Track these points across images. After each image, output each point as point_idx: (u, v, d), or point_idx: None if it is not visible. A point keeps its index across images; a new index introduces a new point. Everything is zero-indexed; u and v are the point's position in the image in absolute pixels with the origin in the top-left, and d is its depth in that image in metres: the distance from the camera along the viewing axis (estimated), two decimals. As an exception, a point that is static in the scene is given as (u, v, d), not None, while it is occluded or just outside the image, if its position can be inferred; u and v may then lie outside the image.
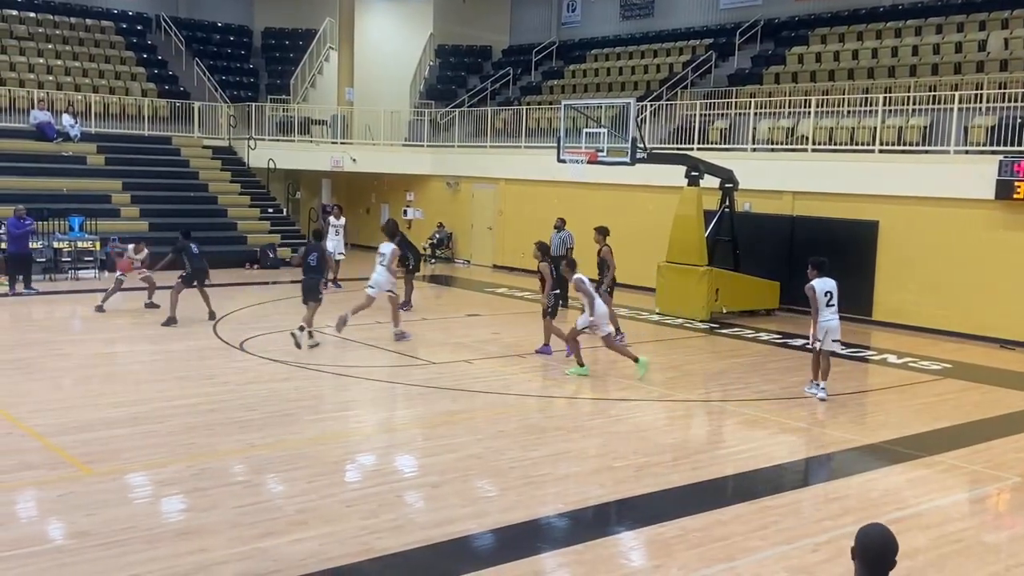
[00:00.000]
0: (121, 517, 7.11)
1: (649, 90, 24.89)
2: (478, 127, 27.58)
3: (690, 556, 6.78)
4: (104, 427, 9.42)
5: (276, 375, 12.16)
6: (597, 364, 13.59)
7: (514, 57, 32.11)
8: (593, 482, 8.37)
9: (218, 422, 9.87)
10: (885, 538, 3.82)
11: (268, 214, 26.20)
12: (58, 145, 24.79)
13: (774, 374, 13.34)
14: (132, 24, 31.95)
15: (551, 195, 23.66)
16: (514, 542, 7.02)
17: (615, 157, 17.34)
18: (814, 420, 10.86)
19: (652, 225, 20.34)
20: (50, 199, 22.23)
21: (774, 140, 20.42)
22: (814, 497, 8.21)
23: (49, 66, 27.93)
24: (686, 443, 9.98)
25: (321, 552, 6.58)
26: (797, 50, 23.86)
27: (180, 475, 8.15)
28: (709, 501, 8.04)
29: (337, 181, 31.54)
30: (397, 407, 11.24)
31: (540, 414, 10.69)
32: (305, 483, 8.05)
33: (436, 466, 8.68)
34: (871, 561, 3.76)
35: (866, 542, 3.80)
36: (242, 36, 34.16)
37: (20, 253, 18.34)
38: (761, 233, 19.09)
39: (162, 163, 26.16)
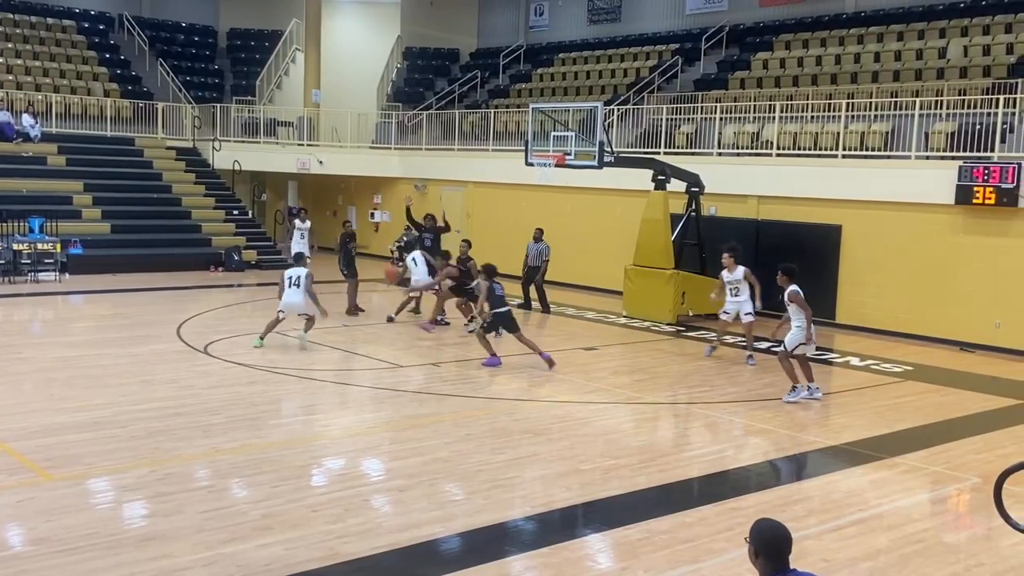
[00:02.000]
0: (82, 523, 7.01)
1: (616, 94, 25.00)
2: (446, 130, 27.55)
3: (656, 558, 6.81)
4: (65, 431, 9.28)
5: (240, 379, 12.05)
6: (568, 367, 13.62)
7: (482, 60, 32.12)
8: (560, 485, 8.38)
9: (182, 426, 9.76)
10: (776, 527, 4.04)
11: (233, 216, 25.97)
12: (17, 145, 24.39)
13: (740, 377, 13.46)
14: (94, 23, 31.55)
15: (519, 198, 23.69)
16: (481, 545, 7.01)
17: (582, 160, 17.41)
18: (779, 422, 10.95)
19: (619, 228, 20.43)
20: (9, 200, 21.88)
21: (739, 145, 20.59)
22: (779, 499, 8.28)
23: (9, 65, 27.49)
24: (653, 445, 10.03)
25: (287, 557, 6.53)
26: (762, 56, 24.08)
27: (143, 480, 8.05)
28: (675, 503, 8.09)
29: (304, 183, 31.35)
30: (364, 410, 11.18)
31: (507, 417, 10.69)
32: (270, 487, 7.98)
33: (403, 470, 8.65)
34: (775, 552, 3.96)
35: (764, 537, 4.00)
36: (207, 36, 33.85)
37: None
38: (727, 237, 19.10)
39: (125, 164, 25.84)
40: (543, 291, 18.95)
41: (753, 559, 4.00)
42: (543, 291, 18.95)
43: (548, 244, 19.07)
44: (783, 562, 3.95)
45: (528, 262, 19.02)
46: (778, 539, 3.99)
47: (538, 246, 18.89)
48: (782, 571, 3.95)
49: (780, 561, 3.95)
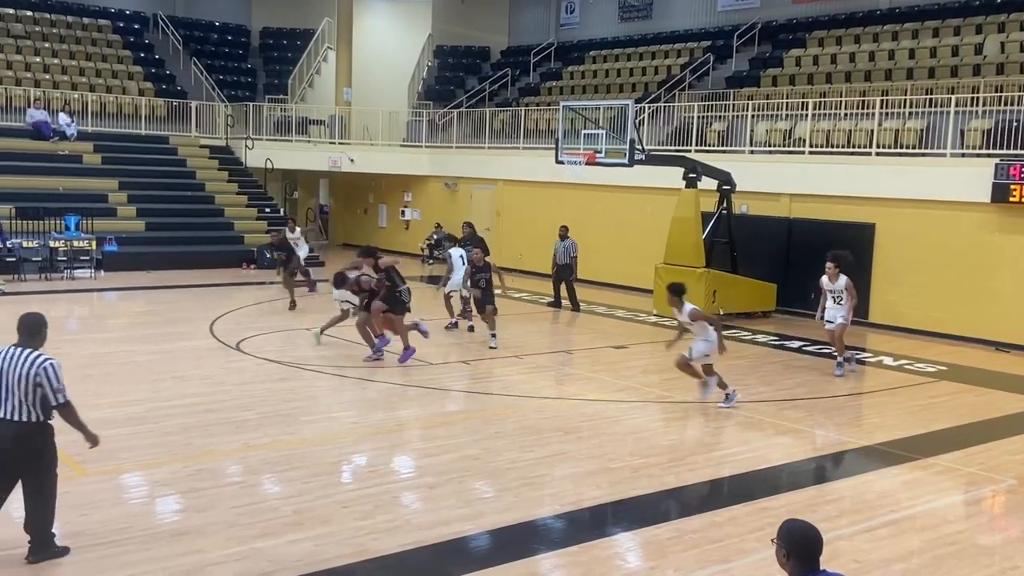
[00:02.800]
0: (116, 517, 7.10)
1: (647, 92, 24.90)
2: (476, 128, 27.58)
3: (686, 557, 6.78)
4: (99, 427, 9.31)
5: (272, 375, 12.15)
6: (597, 365, 13.60)
7: (512, 58, 32.13)
8: (590, 483, 8.37)
9: (214, 422, 9.87)
10: (807, 527, 4.01)
11: (265, 214, 26.17)
12: (54, 144, 24.75)
13: (771, 376, 13.35)
14: (129, 23, 31.91)
15: (549, 196, 23.67)
16: (511, 543, 7.02)
17: (613, 158, 17.36)
18: (811, 422, 10.87)
19: (650, 227, 20.36)
20: (46, 198, 22.21)
21: (771, 142, 20.44)
22: (810, 499, 8.21)
23: (46, 65, 27.89)
24: (682, 444, 9.98)
25: (317, 553, 6.57)
26: (794, 53, 23.88)
27: (176, 475, 8.15)
28: (705, 503, 8.06)
29: (335, 181, 31.56)
30: (394, 408, 11.22)
31: (537, 415, 10.69)
32: (301, 484, 8.04)
33: (433, 467, 8.67)
34: (806, 553, 3.93)
35: (794, 537, 3.96)
36: (240, 36, 34.13)
37: None
38: (758, 235, 19.10)
39: (159, 162, 26.13)
40: (573, 289, 18.90)
41: (783, 560, 3.97)
42: (573, 289, 18.90)
43: (575, 240, 19.00)
44: (814, 563, 3.92)
45: (556, 260, 18.98)
46: (809, 540, 3.95)
47: (564, 243, 18.84)
48: (812, 572, 3.92)
49: (811, 562, 3.92)
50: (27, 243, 20.26)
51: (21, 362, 6.06)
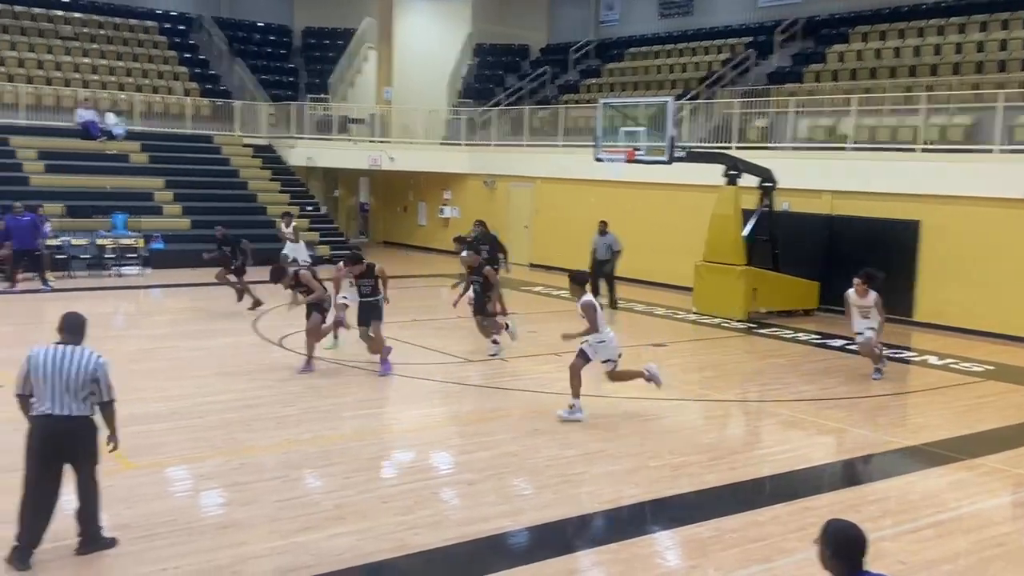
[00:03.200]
0: (161, 510, 7.23)
1: (688, 89, 24.74)
2: (515, 126, 27.58)
3: (727, 556, 6.75)
4: (145, 421, 9.56)
5: (313, 371, 12.25)
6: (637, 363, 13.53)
7: (552, 56, 32.09)
8: (629, 481, 8.35)
9: (256, 417, 9.99)
10: (851, 527, 3.99)
11: (307, 212, 26.42)
12: (102, 143, 25.20)
13: (812, 375, 13.21)
14: (175, 24, 32.37)
15: (588, 194, 23.61)
16: (549, 540, 7.03)
17: (653, 156, 17.27)
18: (853, 421, 10.73)
19: (689, 224, 20.21)
20: (95, 197, 22.61)
21: (814, 139, 20.21)
22: (853, 499, 8.12)
23: (94, 65, 28.39)
24: (723, 443, 9.92)
25: (358, 547, 6.63)
26: (838, 48, 23.59)
27: (219, 469, 8.27)
28: (746, 501, 8.00)
29: (375, 179, 31.76)
30: (432, 404, 11.28)
31: (576, 413, 10.67)
32: (342, 479, 8.12)
33: (471, 463, 8.71)
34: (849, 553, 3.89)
35: (838, 538, 3.94)
36: (282, 36, 34.47)
37: (23, 249, 18.50)
38: (800, 232, 18.90)
39: (204, 161, 26.50)
40: (613, 286, 18.81)
41: (827, 561, 3.92)
42: (613, 286, 18.81)
43: (615, 235, 18.81)
44: (858, 563, 3.88)
45: (596, 256, 18.87)
46: (853, 540, 3.91)
47: (604, 239, 18.70)
48: (857, 572, 3.88)
49: (855, 562, 3.88)
50: (76, 241, 20.62)
51: (77, 359, 6.18)
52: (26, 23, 29.02)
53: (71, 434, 6.18)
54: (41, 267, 18.76)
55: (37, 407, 6.12)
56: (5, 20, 28.73)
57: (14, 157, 23.69)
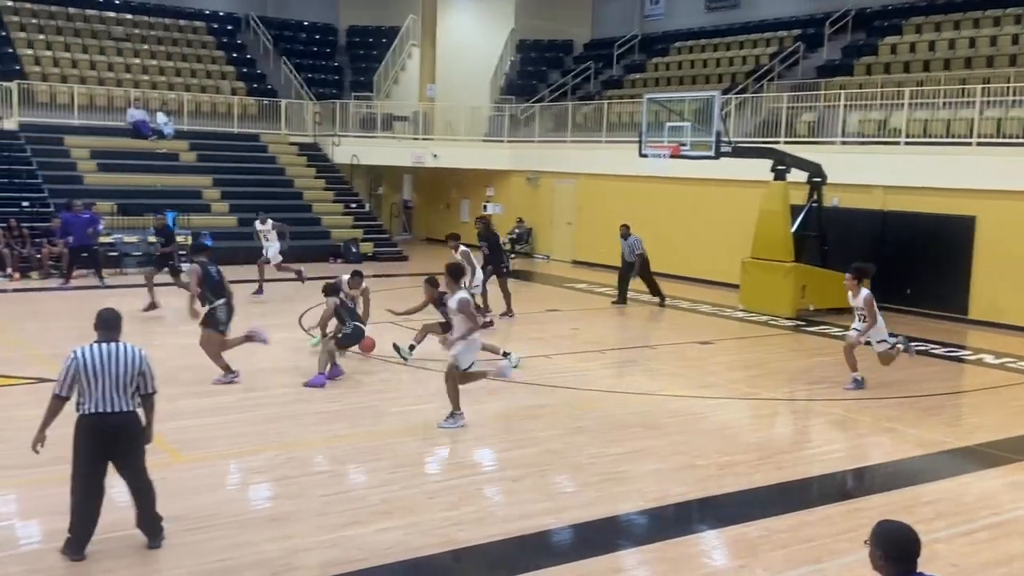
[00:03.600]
0: (212, 503, 7.31)
1: (734, 83, 24.48)
2: (558, 122, 27.51)
3: (775, 557, 6.65)
4: (195, 415, 9.69)
5: (359, 367, 12.33)
6: (682, 361, 13.43)
7: (596, 51, 31.93)
8: (674, 480, 8.28)
9: (303, 412, 10.08)
10: (905, 528, 3.91)
11: (351, 209, 26.62)
12: (152, 142, 25.60)
13: (863, 373, 12.94)
14: (223, 24, 32.78)
15: (632, 190, 23.48)
16: (594, 538, 6.99)
17: (699, 151, 17.12)
18: (905, 421, 10.53)
19: (736, 220, 20.02)
20: (145, 195, 22.98)
21: (865, 133, 19.88)
22: (905, 500, 7.96)
23: (144, 66, 28.86)
24: (771, 442, 9.80)
25: (405, 542, 6.65)
26: (890, 40, 23.18)
27: (268, 463, 8.34)
28: (795, 502, 7.89)
29: (418, 176, 31.88)
30: (477, 400, 11.26)
31: (620, 410, 10.61)
32: (387, 474, 8.15)
33: (516, 460, 8.69)
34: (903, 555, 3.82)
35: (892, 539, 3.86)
36: (327, 34, 34.73)
37: (82, 245, 18.91)
38: (850, 229, 18.61)
39: (250, 159, 26.82)
40: (653, 281, 18.48)
41: (879, 562, 3.85)
42: (653, 281, 18.48)
43: (638, 237, 18.43)
44: (911, 565, 3.80)
45: (624, 258, 18.55)
46: (906, 541, 3.83)
47: (628, 241, 18.28)
48: (910, 574, 3.80)
49: (908, 564, 3.80)
50: (127, 238, 20.95)
51: (123, 355, 6.25)
52: (79, 25, 29.59)
53: (123, 430, 6.26)
54: (98, 263, 19.16)
55: (86, 407, 6.16)
56: (59, 22, 29.32)
57: (68, 156, 24.17)
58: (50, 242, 20.05)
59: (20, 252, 19.75)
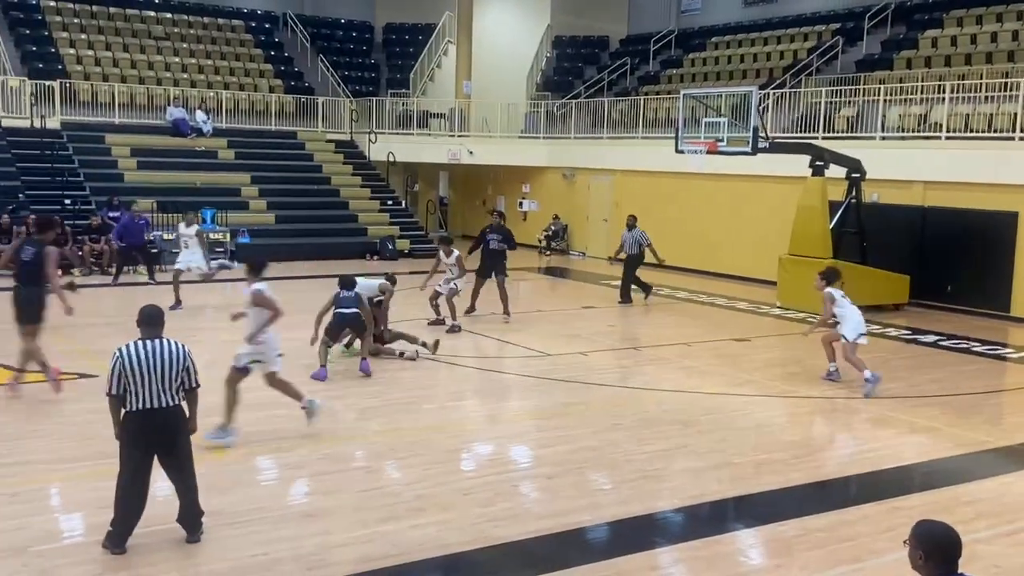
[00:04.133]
0: (250, 497, 7.40)
1: (772, 78, 24.27)
2: (595, 118, 27.44)
3: (813, 556, 6.60)
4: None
5: (395, 364, 12.40)
6: (719, 358, 13.36)
7: (632, 47, 31.81)
8: (711, 478, 8.24)
9: (340, 408, 10.16)
10: (946, 528, 3.88)
11: (388, 206, 26.75)
12: (192, 140, 25.91)
13: (902, 371, 12.83)
14: (260, 23, 33.07)
15: (668, 186, 23.37)
16: (630, 535, 6.98)
17: (736, 147, 17.00)
18: (945, 420, 10.39)
19: (774, 216, 19.86)
20: (184, 192, 23.27)
21: (905, 128, 19.61)
22: (945, 499, 7.86)
23: (184, 65, 29.21)
24: (808, 441, 9.72)
25: (439, 538, 6.68)
26: (931, 33, 22.85)
27: (305, 459, 8.42)
28: (833, 500, 7.82)
29: (454, 173, 31.96)
30: (512, 397, 11.31)
31: (656, 408, 10.58)
32: (422, 470, 8.19)
33: (551, 457, 8.70)
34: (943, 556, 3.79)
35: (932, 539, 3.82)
36: (364, 32, 34.92)
37: (135, 244, 19.32)
38: (890, 225, 18.38)
39: (288, 157, 27.05)
40: (639, 279, 18.16)
41: (919, 562, 3.81)
42: (639, 279, 18.16)
43: (643, 230, 18.24)
44: (952, 566, 3.76)
45: (626, 251, 18.24)
46: (947, 541, 3.79)
47: (632, 234, 18.10)
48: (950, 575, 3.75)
49: (949, 565, 3.75)
50: (167, 235, 21.23)
51: (168, 350, 6.33)
52: (120, 24, 30.02)
53: (170, 425, 6.35)
54: (150, 261, 19.61)
55: (133, 403, 6.25)
56: (100, 22, 29.76)
57: (110, 155, 24.54)
58: (92, 239, 20.38)
59: (62, 249, 20.07)
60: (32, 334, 10.12)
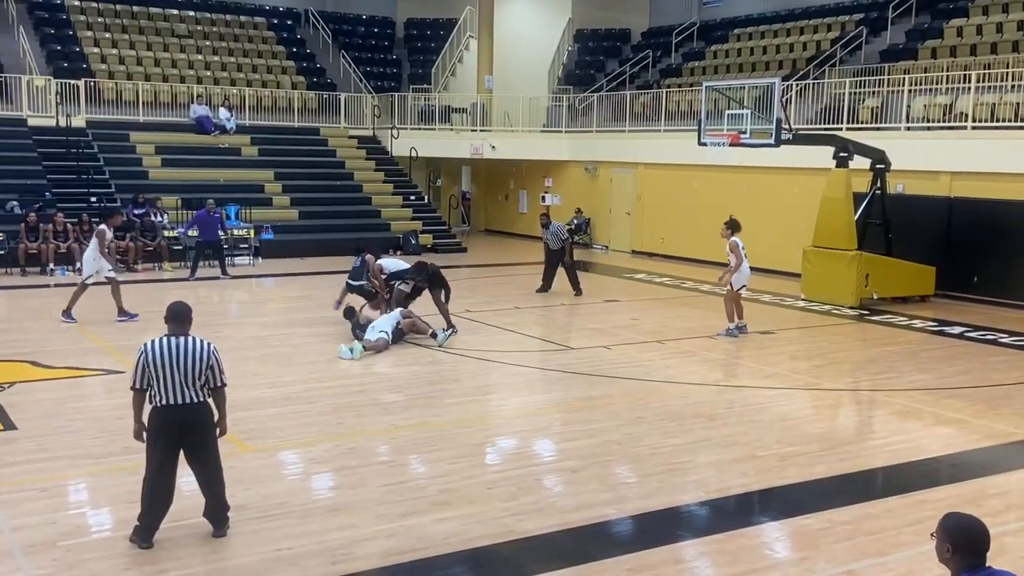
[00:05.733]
0: (275, 492, 7.46)
1: (795, 69, 24.09)
2: (616, 111, 27.36)
3: (838, 549, 6.57)
4: (259, 406, 9.88)
5: (419, 358, 12.45)
6: (742, 350, 13.31)
7: (653, 39, 31.66)
8: (735, 471, 8.22)
9: (364, 403, 10.21)
10: (974, 521, 3.82)
11: (410, 202, 26.82)
12: (215, 138, 26.08)
13: (928, 363, 12.72)
14: (282, 20, 33.20)
15: (691, 179, 23.28)
16: (654, 529, 6.97)
17: (759, 139, 16.90)
18: (973, 412, 10.30)
19: (797, 208, 19.74)
20: (208, 189, 23.42)
21: (930, 118, 19.41)
22: (973, 492, 7.80)
23: (207, 62, 29.39)
24: (833, 433, 9.66)
25: (464, 532, 6.71)
26: (956, 22, 22.58)
27: (329, 453, 8.48)
28: (858, 493, 7.77)
29: (476, 168, 31.98)
30: (536, 391, 11.32)
31: (680, 401, 10.56)
32: (447, 464, 8.22)
33: (575, 451, 8.70)
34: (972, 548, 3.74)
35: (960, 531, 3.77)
36: (386, 28, 34.99)
37: (208, 241, 19.68)
38: (915, 216, 18.21)
39: (311, 153, 27.17)
40: (575, 274, 18.07)
41: (946, 555, 3.77)
42: (575, 274, 18.07)
43: (560, 224, 18.18)
44: (981, 559, 3.72)
45: (548, 248, 18.02)
46: (976, 534, 3.75)
47: (550, 230, 17.83)
48: (979, 569, 3.72)
49: (978, 558, 3.71)
50: (191, 232, 21.41)
51: (193, 347, 6.36)
52: (144, 23, 30.24)
53: (195, 421, 6.39)
54: (222, 257, 19.94)
55: (157, 399, 6.31)
56: (124, 21, 29.99)
57: (134, 152, 24.76)
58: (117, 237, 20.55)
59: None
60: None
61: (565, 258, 17.75)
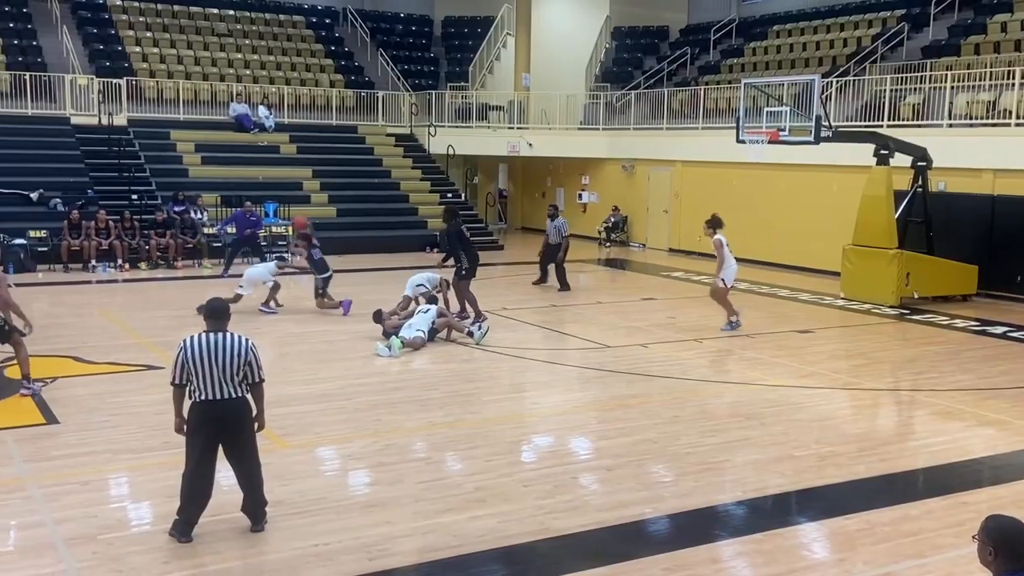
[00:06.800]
0: (313, 488, 7.52)
1: (835, 66, 23.82)
2: (654, 109, 27.23)
3: (876, 551, 6.50)
4: (297, 402, 9.97)
5: (456, 356, 12.49)
6: (781, 350, 13.19)
7: (692, 36, 31.46)
8: (773, 471, 8.15)
9: (401, 400, 10.26)
10: (1017, 523, 3.77)
11: (447, 199, 26.87)
12: (254, 136, 26.34)
13: (971, 363, 12.53)
14: (321, 18, 33.45)
15: (730, 177, 23.11)
16: (691, 528, 6.94)
17: (798, 136, 16.73)
18: (1016, 413, 10.13)
19: (837, 207, 19.51)
20: (247, 187, 23.68)
21: (973, 115, 19.10)
22: (1016, 494, 7.67)
23: (246, 60, 29.69)
24: (873, 433, 9.55)
25: (499, 530, 6.72)
26: (1000, 18, 22.19)
27: (366, 450, 8.53)
28: (897, 494, 7.68)
29: (513, 166, 31.98)
30: (572, 390, 11.31)
31: (717, 400, 10.50)
32: (483, 462, 8.24)
33: (611, 449, 8.69)
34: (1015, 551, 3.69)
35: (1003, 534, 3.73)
36: (423, 26, 35.11)
37: (243, 239, 20.08)
38: (957, 214, 17.94)
39: (349, 151, 27.34)
40: (563, 270, 18.13)
41: (988, 558, 3.72)
42: (563, 270, 18.13)
43: (565, 220, 18.28)
44: (1023, 562, 3.67)
45: (548, 241, 18.23)
46: (1019, 536, 3.69)
47: (554, 223, 18.07)
48: (1021, 572, 3.66)
49: (1020, 561, 3.66)
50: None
51: (231, 344, 6.43)
52: (184, 22, 30.62)
53: (234, 417, 6.47)
54: (260, 254, 20.30)
55: (197, 394, 6.39)
56: (165, 20, 30.39)
57: (175, 150, 25.07)
58: (158, 234, 20.85)
59: (130, 243, 20.61)
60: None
61: (559, 254, 17.95)
